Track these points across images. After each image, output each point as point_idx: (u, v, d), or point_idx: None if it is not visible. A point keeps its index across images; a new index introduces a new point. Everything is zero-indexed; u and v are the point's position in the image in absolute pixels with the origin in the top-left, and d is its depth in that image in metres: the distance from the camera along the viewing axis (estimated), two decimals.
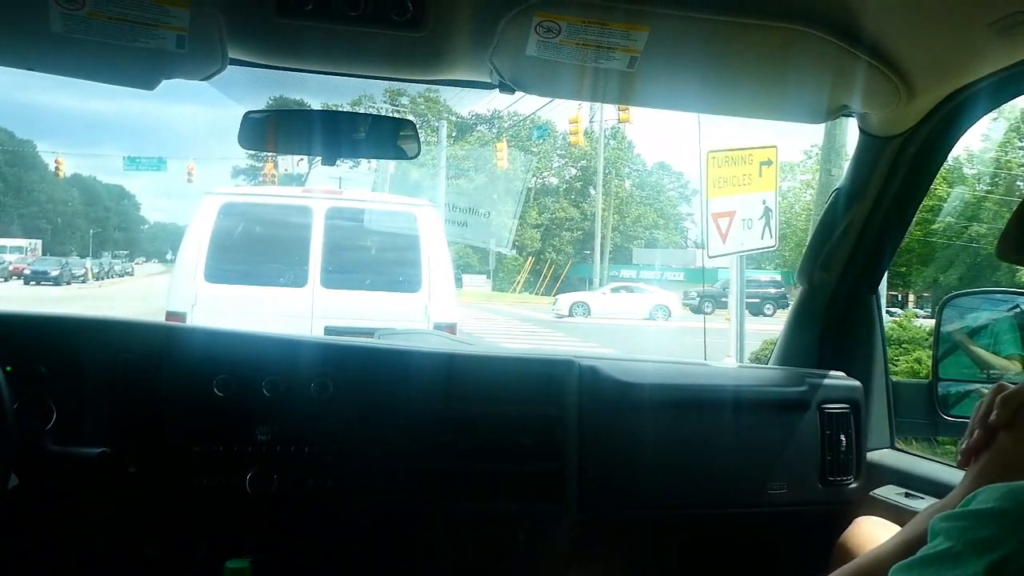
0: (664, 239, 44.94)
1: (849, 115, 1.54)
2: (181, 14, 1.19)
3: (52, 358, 1.38)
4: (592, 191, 41.05)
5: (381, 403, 1.48)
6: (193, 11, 1.19)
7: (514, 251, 40.52)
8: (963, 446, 0.89)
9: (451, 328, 6.16)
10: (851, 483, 1.68)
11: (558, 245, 41.91)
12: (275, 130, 1.52)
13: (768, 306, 27.21)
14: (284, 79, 1.51)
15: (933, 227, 23.42)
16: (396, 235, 6.27)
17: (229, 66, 1.37)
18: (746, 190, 6.52)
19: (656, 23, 1.22)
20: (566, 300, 25.24)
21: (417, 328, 5.32)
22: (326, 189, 6.64)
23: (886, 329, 6.05)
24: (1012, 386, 0.86)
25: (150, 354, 1.44)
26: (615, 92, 1.47)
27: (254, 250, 6.01)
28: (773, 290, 27.26)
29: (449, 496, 1.51)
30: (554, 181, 44.69)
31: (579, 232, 42.34)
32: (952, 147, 1.56)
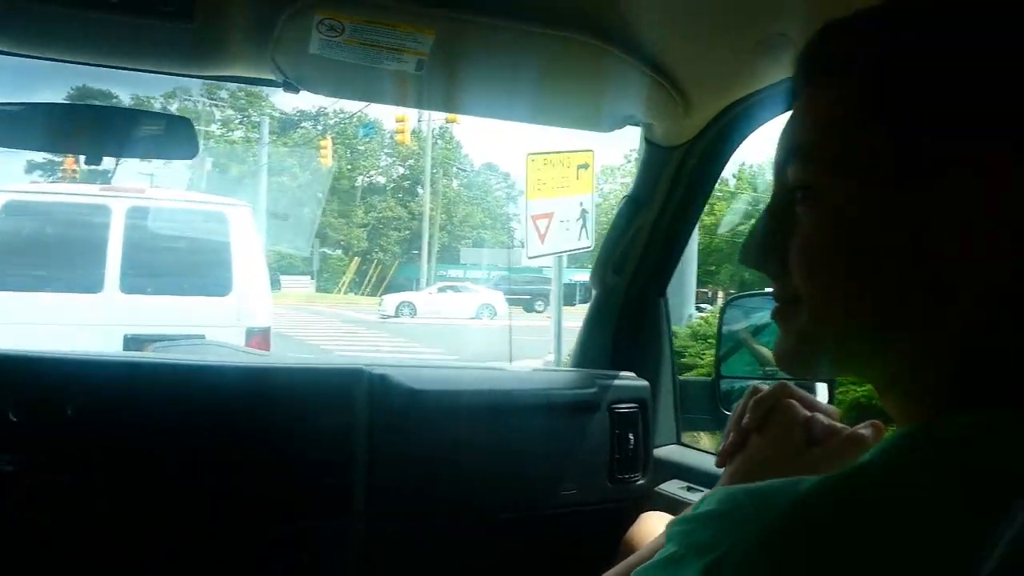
0: (491, 239, 45.52)
1: (636, 124, 1.59)
2: None
3: None
4: (420, 190, 40.99)
5: (145, 422, 1.36)
6: None
7: (339, 251, 39.75)
8: (721, 447, 0.92)
9: (265, 332, 5.95)
10: (638, 480, 1.73)
11: (385, 245, 41.48)
12: (27, 125, 1.37)
13: (539, 303, 28.01)
14: (86, 69, 1.37)
15: (739, 227, 25.11)
16: (205, 236, 5.97)
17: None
18: (564, 192, 6.70)
19: (441, 26, 1.20)
20: (392, 300, 25.04)
21: (199, 339, 5.09)
22: (129, 187, 6.19)
23: (695, 324, 6.39)
24: (765, 389, 0.90)
25: None
26: (405, 94, 1.44)
27: (43, 253, 5.54)
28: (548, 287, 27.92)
29: (224, 519, 1.40)
30: (381, 180, 44.25)
31: (407, 231, 42.11)
32: (729, 158, 1.64)
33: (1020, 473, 0.47)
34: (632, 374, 1.78)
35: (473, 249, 42.44)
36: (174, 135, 1.40)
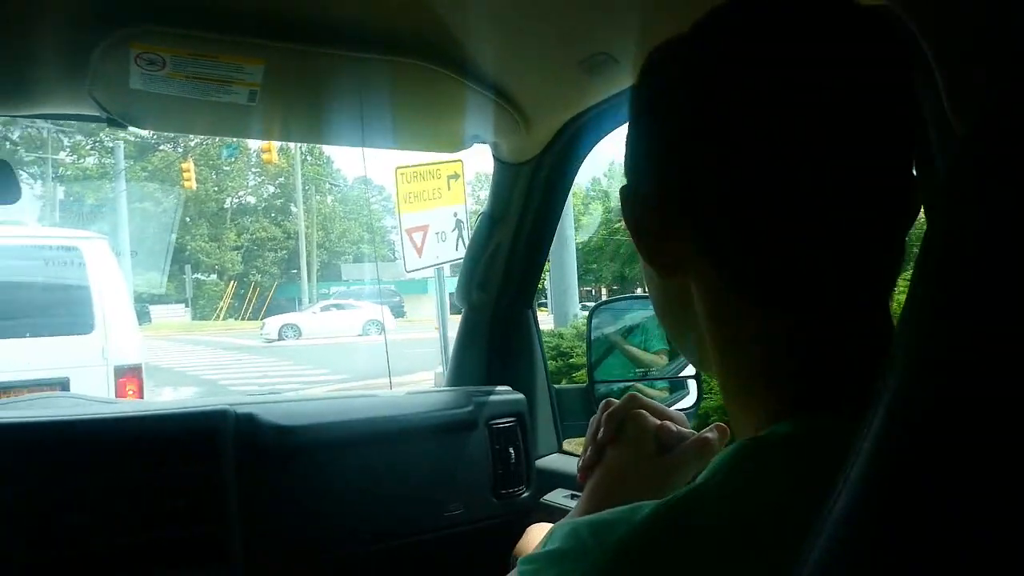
0: (372, 253, 44.97)
1: (483, 143, 1.60)
2: None
3: None
4: (294, 208, 40.09)
5: None
6: None
7: (214, 276, 38.39)
8: (580, 463, 0.93)
9: (135, 369, 5.69)
10: (523, 493, 1.74)
11: (262, 266, 40.35)
12: None
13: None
14: None
15: (616, 226, 25.83)
16: (60, 272, 5.65)
17: None
18: (437, 204, 6.69)
19: (272, 56, 1.16)
20: (275, 323, 24.40)
21: (47, 394, 4.82)
22: None
23: (580, 323, 6.51)
24: (617, 402, 0.91)
25: None
26: (242, 126, 1.40)
27: None
28: (396, 299, 27.82)
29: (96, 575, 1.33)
30: (252, 200, 43.00)
31: (283, 251, 41.11)
32: (576, 171, 1.68)
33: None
34: (508, 388, 1.79)
35: (355, 265, 41.86)
36: None
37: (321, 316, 25.06)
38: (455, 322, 1.98)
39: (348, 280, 37.81)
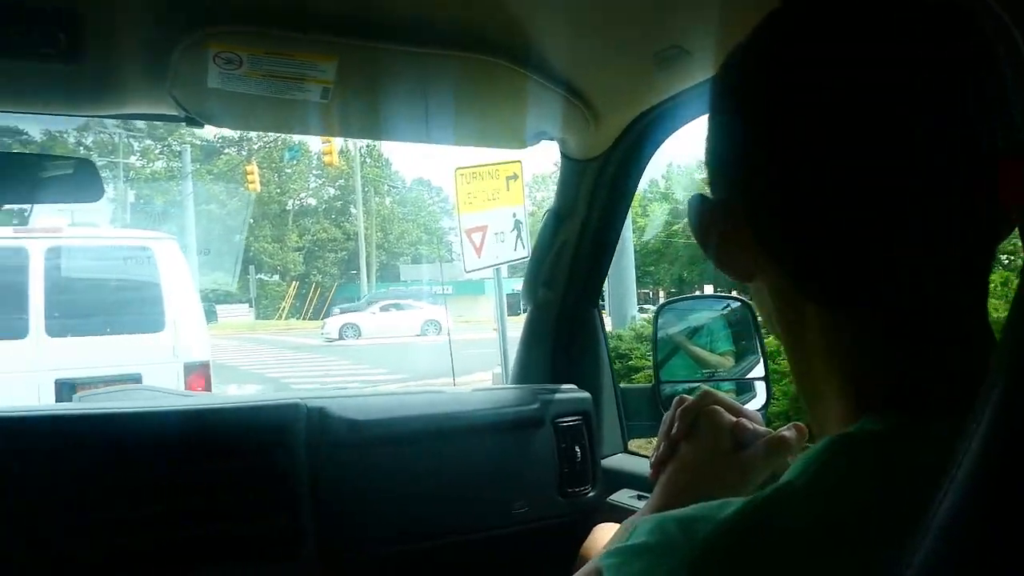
0: (430, 254, 45.35)
1: (550, 139, 1.60)
2: None
3: None
4: (353, 210, 40.68)
5: (78, 475, 1.30)
6: None
7: (276, 277, 39.20)
8: (653, 459, 0.92)
9: (204, 367, 5.85)
10: (589, 492, 1.73)
11: (322, 267, 41.06)
12: None
13: None
14: None
15: (674, 228, 25.62)
16: (133, 272, 5.84)
17: None
18: (496, 204, 6.71)
19: (344, 53, 1.18)
20: (335, 323, 24.80)
21: (134, 378, 4.99)
22: (47, 227, 5.98)
23: (639, 325, 6.47)
24: (690, 398, 0.90)
25: None
26: (315, 123, 1.42)
27: None
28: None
29: (172, 568, 1.36)
30: (312, 202, 43.76)
31: (344, 252, 41.75)
32: (644, 167, 1.66)
33: (930, 480, 0.48)
34: (574, 387, 1.78)
35: (412, 266, 42.24)
36: (77, 178, 1.35)
37: (381, 316, 25.35)
38: (512, 322, 1.98)
39: (407, 281, 38.17)
